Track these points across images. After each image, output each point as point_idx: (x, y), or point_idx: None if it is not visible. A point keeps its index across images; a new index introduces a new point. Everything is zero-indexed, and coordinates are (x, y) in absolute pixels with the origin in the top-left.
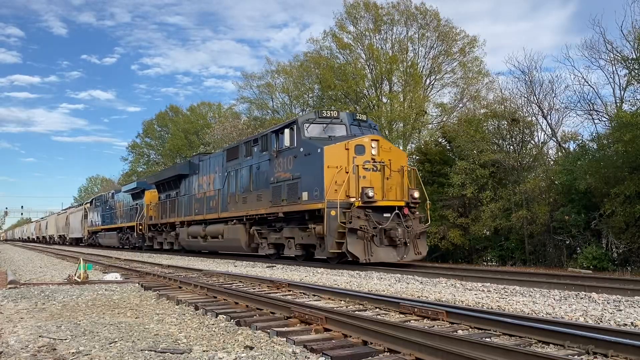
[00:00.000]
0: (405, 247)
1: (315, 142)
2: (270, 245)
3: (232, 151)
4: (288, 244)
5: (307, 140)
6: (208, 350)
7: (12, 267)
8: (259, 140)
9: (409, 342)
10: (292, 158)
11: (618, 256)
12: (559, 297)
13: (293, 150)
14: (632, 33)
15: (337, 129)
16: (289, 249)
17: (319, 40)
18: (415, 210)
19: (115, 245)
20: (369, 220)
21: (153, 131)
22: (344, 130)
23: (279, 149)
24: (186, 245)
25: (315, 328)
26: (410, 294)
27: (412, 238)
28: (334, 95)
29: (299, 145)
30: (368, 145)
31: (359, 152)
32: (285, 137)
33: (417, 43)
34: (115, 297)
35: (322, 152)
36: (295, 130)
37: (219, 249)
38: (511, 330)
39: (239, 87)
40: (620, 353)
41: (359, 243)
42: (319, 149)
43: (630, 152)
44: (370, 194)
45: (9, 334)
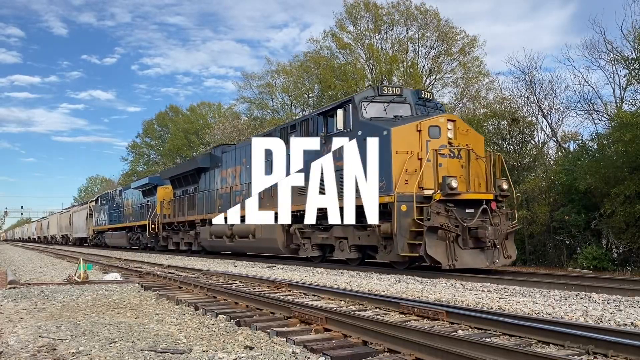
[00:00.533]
0: (495, 249)
1: (379, 123)
2: (315, 247)
3: None
4: (339, 245)
5: (367, 122)
6: (208, 350)
7: (12, 267)
8: (297, 126)
9: (409, 342)
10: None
11: (618, 256)
12: (559, 297)
13: (348, 134)
14: (632, 33)
15: (400, 109)
16: (340, 251)
17: (319, 40)
18: (502, 205)
19: (123, 245)
20: (450, 217)
21: (153, 131)
22: (409, 111)
23: (328, 133)
24: (208, 246)
25: (315, 328)
26: (410, 294)
27: (501, 239)
28: (334, 95)
29: (356, 127)
30: (444, 127)
31: (433, 135)
32: (337, 119)
33: (417, 43)
34: (115, 297)
35: (389, 134)
36: (350, 110)
37: (248, 250)
38: (511, 330)
39: (239, 87)
40: (620, 353)
41: (440, 245)
42: (384, 131)
43: (630, 152)
44: (453, 185)
45: (9, 334)
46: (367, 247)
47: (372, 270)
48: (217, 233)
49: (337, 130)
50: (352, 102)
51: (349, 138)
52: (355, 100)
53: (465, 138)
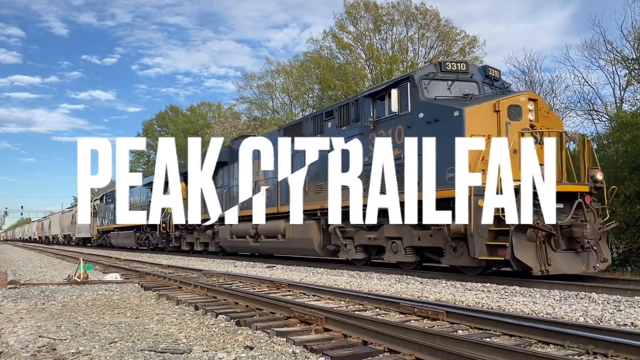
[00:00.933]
0: (592, 252)
1: (447, 103)
2: (359, 248)
3: (292, 130)
4: (391, 246)
5: (431, 102)
6: (208, 350)
7: (12, 267)
8: (334, 112)
9: (409, 342)
10: (402, 129)
11: (618, 256)
12: (559, 297)
13: (405, 117)
14: (632, 33)
15: (466, 88)
16: (393, 253)
17: (319, 41)
18: (595, 199)
19: (131, 246)
20: (539, 214)
21: (153, 131)
22: (475, 90)
23: (378, 118)
24: (228, 247)
25: (315, 328)
26: (410, 294)
27: (597, 239)
28: (334, 95)
29: (416, 109)
30: (525, 107)
31: (513, 116)
32: (390, 101)
33: (417, 43)
34: (115, 297)
35: (461, 116)
36: (408, 89)
37: (277, 251)
38: (511, 330)
39: (239, 87)
40: (620, 353)
41: (530, 247)
42: (455, 111)
43: (630, 152)
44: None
45: (9, 334)
46: (427, 249)
47: (372, 270)
48: (239, 232)
49: (390, 113)
50: (410, 80)
51: (407, 122)
52: (414, 77)
53: (547, 120)
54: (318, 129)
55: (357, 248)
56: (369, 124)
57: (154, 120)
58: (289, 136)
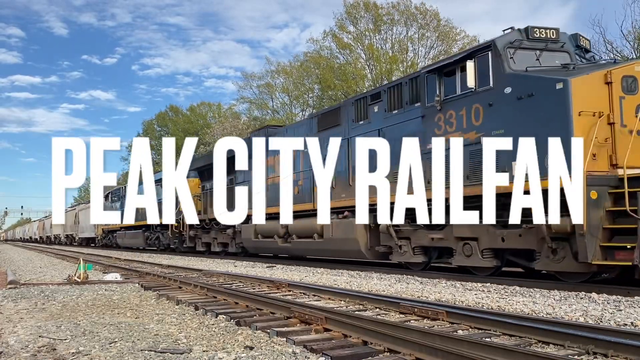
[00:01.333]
0: None
1: (544, 75)
2: (418, 250)
3: (327, 117)
4: (462, 248)
5: (522, 74)
6: (208, 351)
7: (12, 267)
8: (382, 94)
9: (409, 342)
10: (481, 108)
11: None
12: (559, 297)
13: (485, 94)
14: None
15: (556, 59)
16: (465, 257)
17: (319, 41)
18: None
19: (139, 246)
20: None
21: (153, 131)
22: (568, 61)
23: (446, 97)
24: (252, 247)
25: (315, 328)
26: (410, 294)
27: None
28: (334, 95)
29: (501, 83)
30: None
31: (628, 89)
32: (466, 75)
33: (417, 43)
34: (115, 297)
35: (566, 88)
36: (489, 60)
37: (312, 253)
38: (511, 330)
39: (239, 87)
40: (620, 353)
41: None
42: (557, 83)
43: None
44: None
45: (9, 334)
46: (512, 251)
47: (372, 270)
48: (265, 232)
49: (465, 90)
50: (492, 49)
51: (487, 99)
52: (497, 45)
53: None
54: (361, 115)
55: (415, 250)
56: (435, 104)
57: (154, 120)
58: (323, 126)
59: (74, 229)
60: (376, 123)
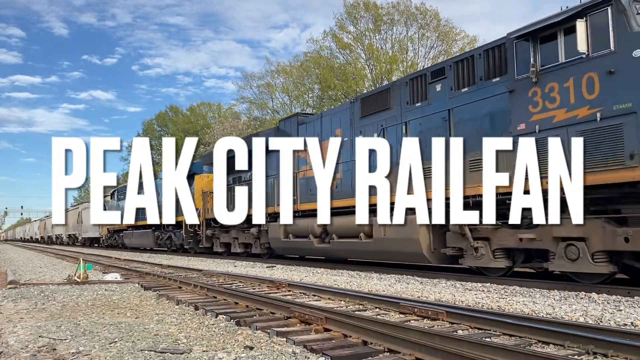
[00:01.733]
0: None
1: None
2: (500, 252)
3: (374, 100)
4: (565, 250)
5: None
6: (208, 351)
7: (12, 267)
8: (446, 70)
9: (409, 342)
10: (596, 77)
11: None
12: (559, 297)
13: (603, 59)
14: None
15: None
16: (570, 262)
17: (319, 40)
18: None
19: (149, 246)
20: None
21: (153, 131)
22: None
23: (543, 67)
24: (281, 249)
25: (315, 328)
26: (410, 294)
27: None
28: (334, 95)
29: (626, 45)
30: None
31: None
32: (573, 38)
33: (417, 43)
34: (115, 297)
35: None
36: (609, 18)
37: (358, 255)
38: (511, 330)
39: (239, 87)
40: (620, 353)
41: None
42: None
43: None
44: None
45: (9, 334)
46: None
47: (372, 270)
48: (298, 232)
49: (572, 57)
50: (612, 3)
51: (606, 65)
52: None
53: None
54: (419, 96)
55: (496, 252)
56: (531, 75)
57: (154, 120)
58: (367, 110)
59: (76, 228)
60: (439, 104)
